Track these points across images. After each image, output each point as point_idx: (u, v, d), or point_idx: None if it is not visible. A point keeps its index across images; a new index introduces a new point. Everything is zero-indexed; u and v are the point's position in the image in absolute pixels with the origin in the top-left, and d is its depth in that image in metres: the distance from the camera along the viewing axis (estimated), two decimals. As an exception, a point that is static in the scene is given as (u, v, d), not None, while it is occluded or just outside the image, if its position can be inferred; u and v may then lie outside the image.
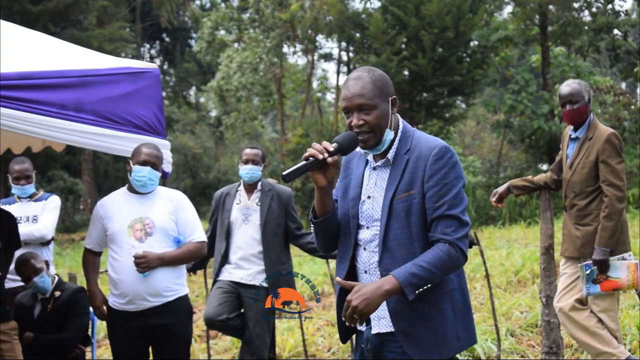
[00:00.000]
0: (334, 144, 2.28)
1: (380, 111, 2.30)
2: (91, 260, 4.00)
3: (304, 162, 2.25)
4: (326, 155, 2.25)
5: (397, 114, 2.40)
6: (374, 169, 2.39)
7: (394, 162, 2.34)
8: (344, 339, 2.47)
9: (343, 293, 2.38)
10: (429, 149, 2.29)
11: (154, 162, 3.79)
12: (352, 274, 2.41)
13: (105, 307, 3.89)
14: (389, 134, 2.33)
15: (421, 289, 2.16)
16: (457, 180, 2.27)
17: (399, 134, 2.36)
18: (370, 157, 2.42)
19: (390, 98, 2.34)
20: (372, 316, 2.34)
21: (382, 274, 2.29)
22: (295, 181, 19.46)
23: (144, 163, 3.77)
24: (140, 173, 3.78)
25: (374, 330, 2.34)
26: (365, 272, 2.36)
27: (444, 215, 2.24)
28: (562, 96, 4.07)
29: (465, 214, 2.28)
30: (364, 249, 2.37)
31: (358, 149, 2.43)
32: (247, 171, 4.52)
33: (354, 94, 2.29)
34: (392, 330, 2.30)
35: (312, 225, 2.42)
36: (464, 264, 2.27)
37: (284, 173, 2.21)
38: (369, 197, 2.37)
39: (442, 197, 2.24)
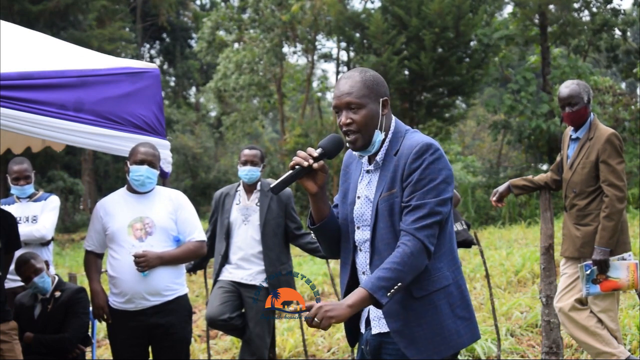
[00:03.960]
0: (319, 149, 2.27)
1: (368, 111, 2.26)
2: (93, 262, 3.99)
3: (290, 171, 2.23)
4: (311, 161, 2.23)
5: (393, 116, 2.36)
6: (367, 172, 2.37)
7: (383, 164, 2.31)
8: (352, 343, 2.45)
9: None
10: (411, 147, 2.24)
11: (151, 160, 3.79)
12: (354, 277, 2.39)
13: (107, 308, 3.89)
14: (378, 135, 2.29)
15: (393, 290, 2.10)
16: (436, 173, 2.19)
17: (390, 135, 2.32)
18: (364, 159, 2.39)
19: (381, 99, 2.29)
20: (371, 317, 2.33)
21: None
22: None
23: (140, 162, 3.77)
24: (137, 172, 3.78)
25: (374, 331, 2.32)
26: (363, 273, 2.35)
27: (412, 206, 2.18)
28: (561, 98, 4.07)
29: (440, 204, 2.19)
30: (360, 249, 2.36)
31: (355, 152, 2.42)
32: (246, 172, 4.52)
33: (343, 92, 2.27)
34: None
35: (311, 232, 2.41)
36: (428, 255, 2.17)
37: (271, 186, 2.21)
38: (358, 197, 2.36)
39: (415, 190, 2.19)
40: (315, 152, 2.25)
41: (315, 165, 2.24)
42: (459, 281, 2.30)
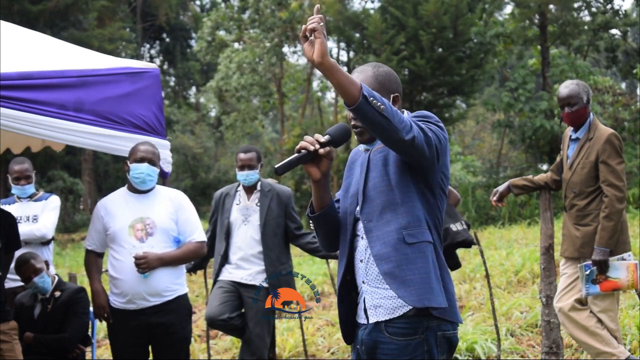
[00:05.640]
0: (326, 136, 2.26)
1: None
2: (93, 261, 4.00)
3: (296, 154, 2.22)
4: (317, 146, 2.22)
5: (405, 111, 2.35)
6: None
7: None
8: (347, 339, 2.44)
9: (344, 292, 2.38)
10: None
11: (151, 158, 3.80)
12: (350, 269, 2.38)
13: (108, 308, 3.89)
14: None
15: (373, 100, 2.03)
16: (434, 120, 2.22)
17: None
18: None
19: (392, 95, 2.31)
20: (368, 305, 2.30)
21: (364, 223, 2.29)
22: (290, 179, 19.51)
23: (141, 160, 3.78)
24: (138, 170, 3.79)
25: (372, 320, 2.29)
26: (361, 260, 2.34)
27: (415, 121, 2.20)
28: (561, 98, 4.07)
29: (436, 130, 2.20)
30: (362, 237, 2.34)
31: (361, 147, 2.42)
32: (244, 177, 4.51)
33: None
34: (390, 318, 2.25)
35: (310, 221, 2.41)
36: (411, 137, 2.10)
37: (275, 166, 2.19)
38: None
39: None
40: (323, 138, 2.24)
41: (321, 150, 2.23)
42: (437, 248, 2.29)
